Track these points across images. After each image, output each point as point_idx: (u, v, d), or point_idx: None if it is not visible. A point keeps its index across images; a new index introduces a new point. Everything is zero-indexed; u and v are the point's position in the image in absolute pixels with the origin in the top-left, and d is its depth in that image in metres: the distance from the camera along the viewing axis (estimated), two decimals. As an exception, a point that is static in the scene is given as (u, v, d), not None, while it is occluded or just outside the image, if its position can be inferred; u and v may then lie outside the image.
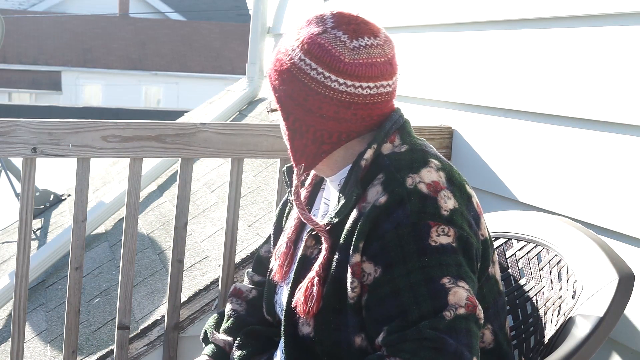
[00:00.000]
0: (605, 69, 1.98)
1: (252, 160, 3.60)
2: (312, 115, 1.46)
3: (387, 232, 1.38)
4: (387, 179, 1.42)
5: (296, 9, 4.45)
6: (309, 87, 1.44)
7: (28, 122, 2.21)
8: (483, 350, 1.51)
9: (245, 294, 1.80)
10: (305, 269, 1.49)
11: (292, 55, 1.46)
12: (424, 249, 1.35)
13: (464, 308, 1.33)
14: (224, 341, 1.73)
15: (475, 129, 2.54)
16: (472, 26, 2.58)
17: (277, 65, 1.49)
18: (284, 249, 1.60)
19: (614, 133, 1.95)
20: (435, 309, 1.33)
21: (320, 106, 1.45)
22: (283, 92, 1.48)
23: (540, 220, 1.86)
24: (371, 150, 1.46)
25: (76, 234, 2.31)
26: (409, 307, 1.34)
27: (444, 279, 1.34)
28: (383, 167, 1.44)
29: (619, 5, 1.94)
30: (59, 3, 27.43)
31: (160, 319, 2.56)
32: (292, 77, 1.46)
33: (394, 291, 1.36)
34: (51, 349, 2.93)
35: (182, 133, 2.33)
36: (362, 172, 1.45)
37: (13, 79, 22.69)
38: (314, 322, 1.45)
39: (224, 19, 27.52)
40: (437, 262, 1.35)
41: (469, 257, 1.40)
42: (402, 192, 1.39)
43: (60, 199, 5.13)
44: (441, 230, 1.37)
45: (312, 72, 1.44)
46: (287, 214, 1.76)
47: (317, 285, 1.43)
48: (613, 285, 1.56)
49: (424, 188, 1.40)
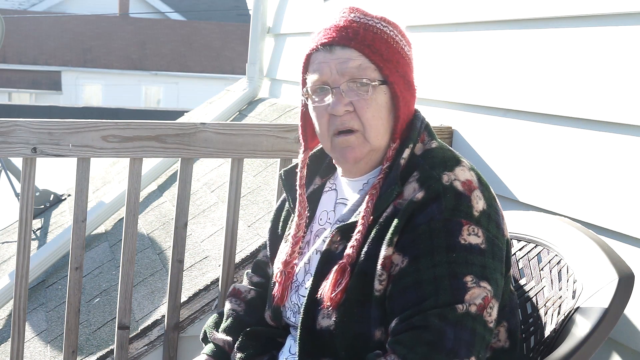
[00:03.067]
0: (605, 69, 1.98)
1: (252, 160, 3.59)
2: (409, 88, 1.57)
3: (420, 225, 1.41)
4: (422, 176, 1.46)
5: (296, 9, 4.45)
6: (405, 61, 1.56)
7: (28, 122, 2.21)
8: (501, 349, 1.53)
9: (244, 294, 1.81)
10: (328, 262, 1.51)
11: (388, 31, 1.55)
12: (453, 245, 1.39)
13: (475, 306, 1.36)
14: (224, 340, 1.73)
15: (475, 128, 2.54)
16: (472, 26, 2.58)
17: (381, 36, 1.54)
18: (284, 276, 1.61)
19: (614, 133, 1.95)
20: (451, 303, 1.36)
21: (413, 79, 1.58)
22: (390, 63, 1.53)
23: (540, 220, 1.86)
24: (408, 150, 1.51)
25: (76, 234, 2.31)
26: (427, 297, 1.37)
27: (467, 277, 1.38)
28: (417, 165, 1.49)
29: (619, 5, 1.94)
30: (59, 3, 27.42)
31: (160, 319, 2.56)
32: (395, 51, 1.55)
33: (417, 282, 1.39)
34: (51, 349, 2.93)
35: (182, 133, 2.33)
36: (400, 171, 1.49)
37: (13, 79, 22.69)
38: (337, 314, 1.47)
39: (224, 19, 27.51)
40: (463, 260, 1.39)
41: (497, 259, 1.43)
42: (438, 188, 1.43)
43: (60, 199, 5.12)
44: (472, 230, 1.41)
45: (406, 47, 1.57)
46: (285, 219, 1.76)
47: (347, 273, 1.46)
48: (613, 285, 1.56)
49: (459, 186, 1.44)
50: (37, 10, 26.73)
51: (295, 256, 1.63)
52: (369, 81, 1.50)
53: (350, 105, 1.51)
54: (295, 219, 1.65)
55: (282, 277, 1.62)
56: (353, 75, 1.50)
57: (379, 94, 1.51)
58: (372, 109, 1.51)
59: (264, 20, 4.78)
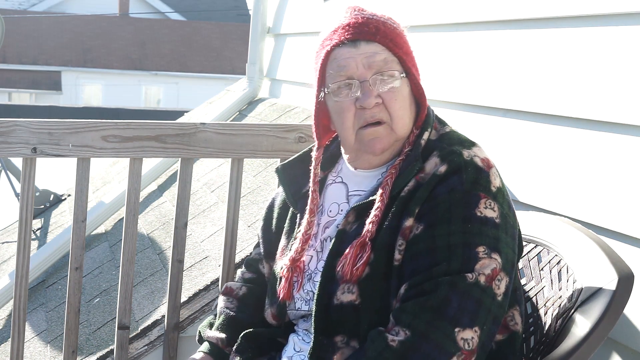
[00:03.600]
0: (605, 69, 1.98)
1: (252, 160, 3.59)
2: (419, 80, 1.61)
3: (440, 194, 1.46)
4: (442, 152, 1.51)
5: (296, 9, 4.45)
6: (413, 57, 1.62)
7: (28, 122, 2.21)
8: (518, 334, 1.56)
9: (235, 291, 1.83)
10: (343, 242, 1.53)
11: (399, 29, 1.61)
12: (469, 216, 1.44)
13: (484, 276, 1.40)
14: (217, 337, 1.76)
15: (475, 129, 2.54)
16: (472, 26, 2.58)
17: (397, 32, 1.59)
18: (290, 274, 1.62)
19: (614, 133, 1.95)
20: (461, 271, 1.40)
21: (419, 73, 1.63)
22: (408, 57, 1.59)
23: (540, 220, 1.86)
24: (427, 133, 1.57)
25: (76, 234, 2.31)
26: (439, 262, 1.41)
27: (479, 247, 1.42)
28: (436, 146, 1.54)
29: (619, 5, 1.94)
30: (59, 3, 27.42)
31: (160, 319, 2.56)
32: (408, 47, 1.62)
33: (430, 248, 1.43)
34: (51, 349, 2.93)
35: (182, 133, 2.33)
36: (421, 150, 1.54)
37: (13, 79, 22.69)
38: (360, 289, 1.49)
39: (224, 19, 27.51)
40: (478, 231, 1.43)
41: (509, 235, 1.47)
42: (460, 162, 1.48)
43: (60, 199, 5.12)
44: (489, 203, 1.45)
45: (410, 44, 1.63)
46: (280, 216, 1.77)
47: (368, 248, 1.48)
48: (613, 285, 1.56)
49: (479, 161, 1.50)
50: (37, 10, 26.73)
51: (304, 254, 1.63)
52: (396, 73, 1.55)
53: (379, 97, 1.54)
54: (306, 216, 1.65)
55: (289, 272, 1.62)
56: (380, 69, 1.54)
57: (404, 85, 1.57)
58: (400, 101, 1.56)
59: (264, 20, 4.78)
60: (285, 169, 1.74)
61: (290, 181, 1.72)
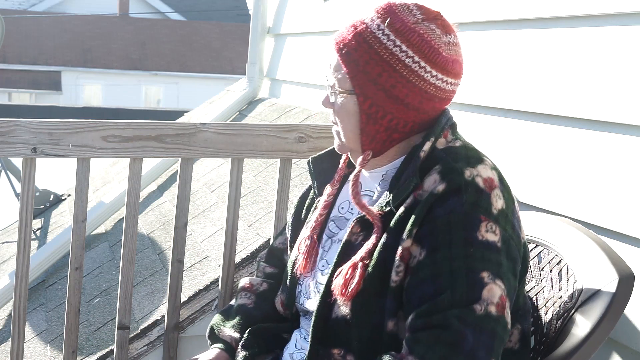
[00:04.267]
0: (605, 69, 1.98)
1: (252, 160, 3.59)
2: (396, 102, 1.47)
3: (439, 217, 1.41)
4: (444, 168, 1.45)
5: (296, 9, 4.45)
6: (400, 74, 1.46)
7: (28, 122, 2.21)
8: (511, 351, 1.53)
9: (255, 287, 1.81)
10: (348, 253, 1.51)
11: (385, 41, 1.47)
12: (471, 240, 1.39)
13: (494, 307, 1.36)
14: (231, 337, 1.73)
15: (475, 128, 2.54)
16: (472, 26, 2.58)
17: (364, 47, 1.47)
18: (309, 242, 1.62)
19: (614, 133, 1.95)
20: (468, 299, 1.35)
21: (407, 94, 1.47)
22: (365, 75, 1.48)
23: (540, 220, 1.86)
24: (429, 143, 1.50)
25: (76, 234, 2.31)
26: (443, 290, 1.37)
27: (483, 273, 1.37)
28: (439, 158, 1.48)
29: (619, 5, 1.94)
30: (59, 3, 27.43)
31: (160, 319, 2.56)
32: (382, 62, 1.46)
33: (434, 274, 1.39)
34: (51, 349, 2.93)
35: (182, 133, 2.33)
36: (420, 163, 1.48)
37: (13, 79, 22.70)
38: (353, 305, 1.47)
39: (224, 19, 27.52)
40: (480, 255, 1.38)
41: (511, 258, 1.43)
42: (460, 181, 1.42)
43: (60, 199, 5.12)
44: (490, 227, 1.40)
45: (408, 60, 1.46)
46: (308, 207, 1.76)
47: (360, 270, 1.46)
48: (613, 285, 1.56)
49: (481, 182, 1.43)
50: (37, 10, 26.74)
51: (322, 221, 1.64)
52: (337, 87, 1.53)
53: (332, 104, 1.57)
54: (324, 197, 1.66)
55: (306, 247, 1.62)
56: (331, 77, 1.55)
57: (349, 101, 1.52)
58: (342, 114, 1.54)
59: (264, 20, 4.78)
60: (316, 162, 1.74)
61: (319, 173, 1.72)
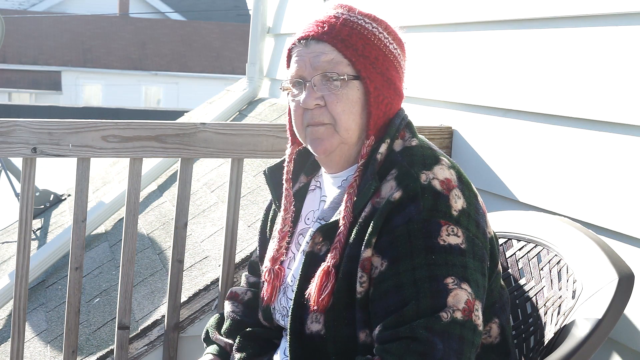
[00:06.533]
0: (605, 69, 1.98)
1: (252, 160, 3.59)
2: (389, 86, 1.52)
3: (398, 226, 1.39)
4: (400, 174, 1.43)
5: (296, 9, 4.45)
6: (388, 58, 1.53)
7: (28, 122, 2.21)
8: (490, 345, 1.52)
9: (241, 296, 1.81)
10: (312, 265, 1.49)
11: (371, 28, 1.54)
12: (432, 247, 1.37)
13: (460, 312, 1.34)
14: (225, 342, 1.76)
15: (475, 129, 2.54)
16: (472, 26, 2.58)
17: (357, 32, 1.52)
18: (272, 275, 1.60)
19: (614, 133, 1.95)
20: (434, 308, 1.34)
21: (398, 79, 1.55)
22: (366, 59, 1.50)
23: (540, 220, 1.86)
24: (385, 145, 1.48)
25: (76, 234, 2.31)
26: (408, 301, 1.35)
27: (447, 279, 1.35)
28: (396, 162, 1.46)
29: (619, 5, 1.94)
30: (59, 3, 27.43)
31: (160, 319, 2.56)
32: (375, 46, 1.53)
33: (397, 285, 1.37)
34: (51, 349, 2.93)
35: (182, 133, 2.33)
36: (377, 166, 1.47)
37: (13, 79, 22.70)
38: (325, 319, 1.45)
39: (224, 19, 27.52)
40: (443, 261, 1.36)
41: (477, 257, 1.41)
42: (416, 188, 1.40)
43: (60, 199, 5.12)
44: (451, 230, 1.38)
45: (390, 45, 1.54)
46: (272, 219, 1.74)
47: (332, 276, 1.44)
48: (613, 285, 1.56)
49: (438, 185, 1.41)
50: (37, 10, 26.74)
51: (283, 252, 1.61)
52: (339, 75, 1.49)
53: (322, 99, 1.50)
54: (280, 213, 1.64)
55: (270, 275, 1.61)
56: (325, 69, 1.50)
57: (351, 89, 1.50)
58: (342, 104, 1.50)
59: (264, 20, 4.78)
60: (272, 172, 1.71)
61: (276, 184, 1.69)
